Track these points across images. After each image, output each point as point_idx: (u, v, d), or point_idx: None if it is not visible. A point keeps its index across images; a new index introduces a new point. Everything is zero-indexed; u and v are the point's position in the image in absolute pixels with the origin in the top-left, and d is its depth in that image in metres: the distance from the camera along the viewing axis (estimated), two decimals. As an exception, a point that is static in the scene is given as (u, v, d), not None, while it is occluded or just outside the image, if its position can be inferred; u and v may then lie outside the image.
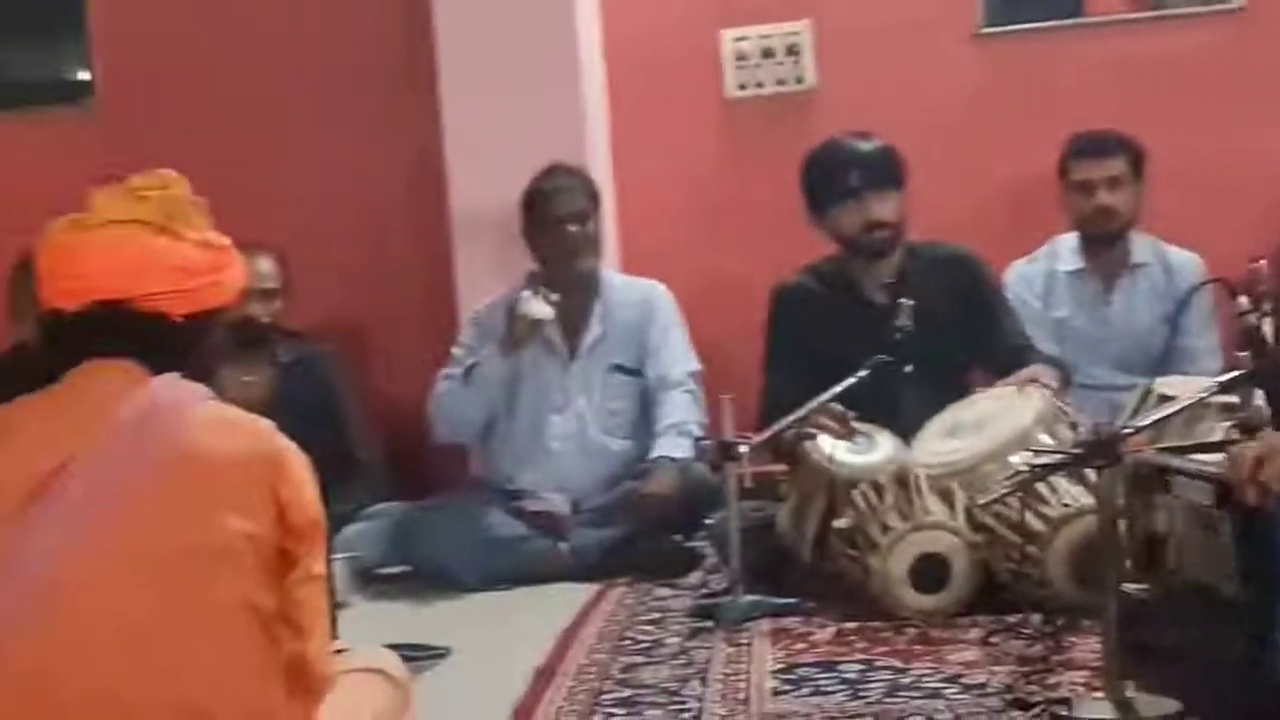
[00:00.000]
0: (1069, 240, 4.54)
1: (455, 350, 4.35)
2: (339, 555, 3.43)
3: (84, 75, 5.31)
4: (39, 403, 1.82)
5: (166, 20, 5.14)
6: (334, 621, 2.02)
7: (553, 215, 4.22)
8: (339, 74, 5.06)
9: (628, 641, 3.21)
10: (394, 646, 2.28)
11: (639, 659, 3.05)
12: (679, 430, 4.15)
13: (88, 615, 1.68)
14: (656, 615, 3.45)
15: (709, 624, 3.27)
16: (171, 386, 1.81)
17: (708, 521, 3.81)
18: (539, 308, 4.12)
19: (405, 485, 4.50)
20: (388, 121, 5.03)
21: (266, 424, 1.84)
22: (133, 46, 5.15)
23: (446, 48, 4.61)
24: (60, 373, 1.82)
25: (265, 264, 4.33)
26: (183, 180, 1.91)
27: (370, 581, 4.02)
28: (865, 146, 3.83)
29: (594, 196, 4.30)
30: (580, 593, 3.75)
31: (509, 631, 3.49)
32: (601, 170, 4.67)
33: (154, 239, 1.84)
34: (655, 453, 4.12)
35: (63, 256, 1.85)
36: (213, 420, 1.80)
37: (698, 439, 4.12)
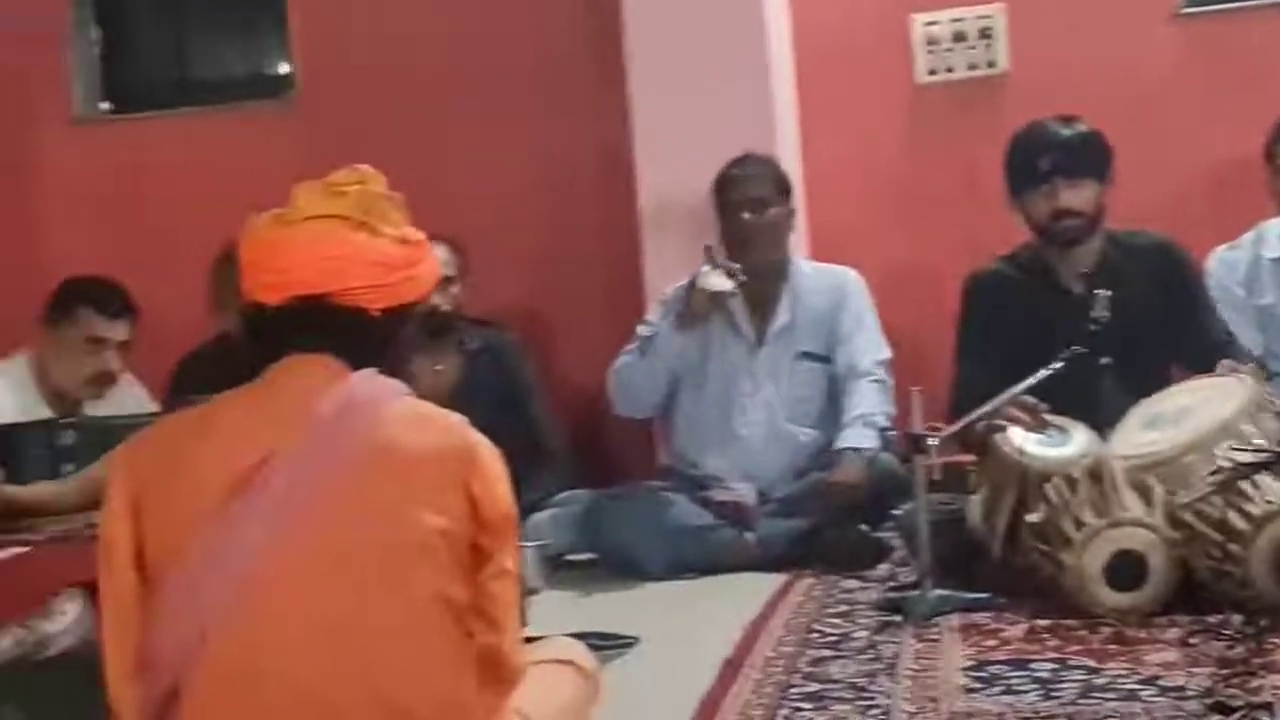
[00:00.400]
0: (1275, 226, 4.39)
1: (640, 329, 4.36)
2: (528, 543, 3.47)
3: (284, 69, 5.45)
4: (241, 398, 1.86)
5: (365, 15, 5.24)
6: (523, 609, 2.04)
7: (733, 201, 4.24)
8: (531, 69, 5.10)
9: (815, 634, 3.19)
10: (583, 635, 2.29)
11: (826, 652, 3.03)
12: (865, 421, 4.11)
13: (289, 611, 1.72)
14: (844, 608, 3.43)
15: (897, 618, 3.23)
16: (369, 382, 1.84)
17: (895, 513, 3.77)
18: (718, 280, 4.09)
19: (591, 473, 4.54)
20: (578, 115, 5.06)
21: (458, 418, 1.86)
22: (332, 41, 5.25)
23: (635, 41, 4.61)
24: (262, 366, 1.86)
25: (441, 252, 4.39)
26: (379, 176, 1.94)
27: (558, 568, 4.06)
28: (1063, 132, 3.73)
29: (780, 186, 4.29)
30: (766, 583, 3.74)
31: (695, 621, 3.50)
32: (790, 158, 4.64)
33: (353, 234, 1.86)
34: (841, 444, 4.09)
35: (265, 250, 1.89)
36: (407, 415, 1.83)
37: (883, 429, 4.08)
